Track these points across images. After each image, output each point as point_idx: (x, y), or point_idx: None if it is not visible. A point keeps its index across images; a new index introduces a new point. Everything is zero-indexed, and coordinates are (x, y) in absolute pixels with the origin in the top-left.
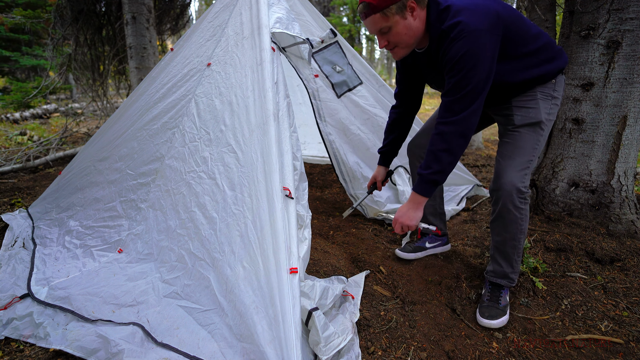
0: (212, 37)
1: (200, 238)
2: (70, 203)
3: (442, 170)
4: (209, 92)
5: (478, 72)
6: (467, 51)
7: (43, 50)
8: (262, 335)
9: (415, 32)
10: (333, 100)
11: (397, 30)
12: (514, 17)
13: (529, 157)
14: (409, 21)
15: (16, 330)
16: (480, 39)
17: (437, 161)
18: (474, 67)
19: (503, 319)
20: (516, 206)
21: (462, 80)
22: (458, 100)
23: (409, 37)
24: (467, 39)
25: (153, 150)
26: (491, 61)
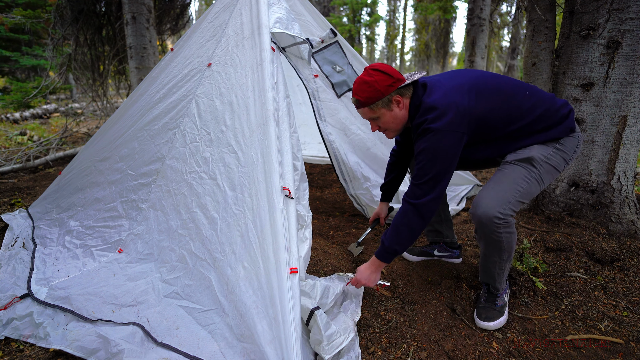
0: (212, 38)
1: (201, 238)
2: (70, 203)
3: (400, 243)
4: (210, 93)
5: (436, 166)
6: (426, 148)
7: (43, 50)
8: (262, 335)
9: (402, 119)
10: (333, 100)
11: (385, 120)
12: (499, 101)
13: (514, 187)
14: (394, 112)
15: (16, 330)
16: (440, 138)
17: (397, 235)
18: (433, 161)
19: (500, 320)
20: (492, 231)
21: (422, 170)
22: (419, 186)
23: (396, 124)
24: (428, 138)
25: (154, 150)
26: (451, 157)
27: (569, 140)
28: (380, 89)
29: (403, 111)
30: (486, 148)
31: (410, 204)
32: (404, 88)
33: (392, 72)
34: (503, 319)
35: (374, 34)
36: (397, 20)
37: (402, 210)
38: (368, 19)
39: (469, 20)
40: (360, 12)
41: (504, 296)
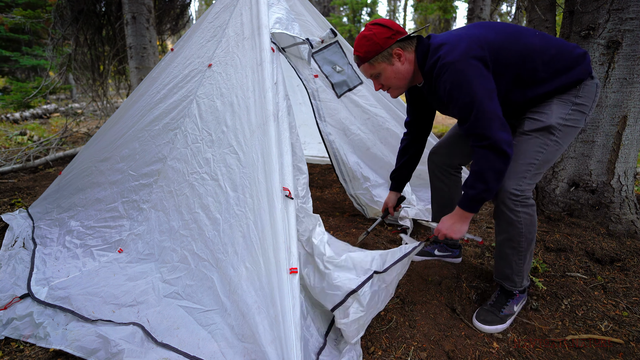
0: (212, 38)
1: (204, 239)
2: (71, 203)
3: (488, 189)
4: (210, 93)
5: (472, 95)
6: (452, 83)
7: (43, 50)
8: (263, 335)
9: (405, 74)
10: (333, 100)
11: (386, 75)
12: (509, 37)
13: (530, 161)
14: (396, 67)
15: (16, 330)
16: (459, 67)
17: (483, 181)
18: (466, 92)
19: (497, 327)
20: (510, 209)
21: (464, 109)
22: (472, 126)
23: (399, 80)
24: (447, 73)
25: (155, 151)
26: (480, 80)
27: (587, 90)
28: (378, 42)
29: (406, 65)
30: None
31: (481, 147)
32: (406, 41)
33: (391, 25)
34: (500, 327)
35: None
36: (397, 20)
37: (477, 155)
38: (368, 19)
39: (469, 20)
40: (360, 12)
41: (514, 305)
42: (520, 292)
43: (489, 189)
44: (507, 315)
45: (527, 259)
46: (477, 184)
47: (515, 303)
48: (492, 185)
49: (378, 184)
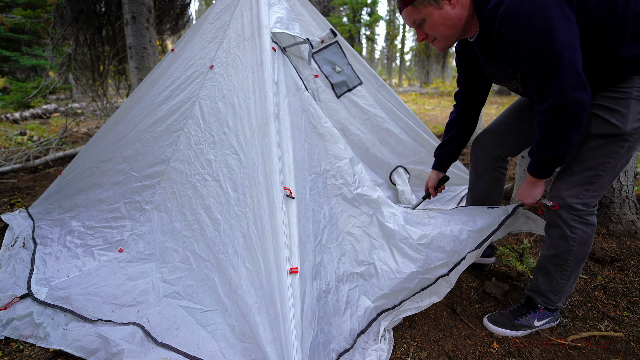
0: (214, 39)
1: (205, 239)
2: (73, 204)
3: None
4: (213, 95)
5: (550, 39)
6: (524, 25)
7: (43, 50)
8: (263, 335)
9: (455, 21)
10: (332, 101)
11: (433, 21)
12: None
13: (595, 172)
14: (445, 10)
15: (16, 331)
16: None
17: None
18: (542, 36)
19: (505, 331)
20: (566, 222)
21: (536, 56)
22: (542, 80)
23: (447, 28)
24: (518, 13)
25: (158, 152)
26: (563, 21)
27: None
28: None
29: (457, 10)
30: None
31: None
32: None
33: None
34: (509, 333)
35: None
36: (397, 20)
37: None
38: (368, 19)
39: None
40: (360, 12)
41: (535, 319)
42: (549, 309)
43: (560, 155)
44: (522, 326)
45: (571, 280)
46: (545, 151)
47: (537, 317)
48: (563, 148)
49: (377, 184)
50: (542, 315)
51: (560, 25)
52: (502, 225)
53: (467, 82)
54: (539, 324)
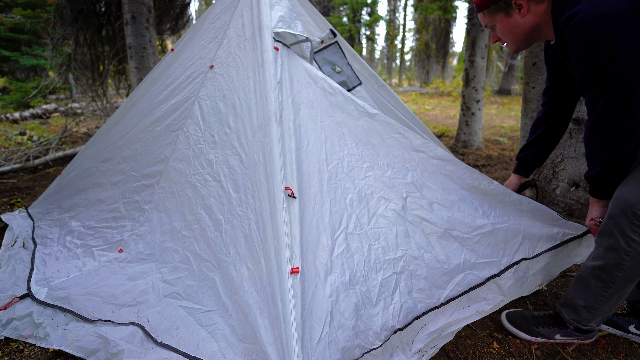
0: (214, 39)
1: (206, 240)
2: (72, 204)
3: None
4: (213, 95)
5: (607, 66)
6: (585, 46)
7: (43, 50)
8: (265, 335)
9: (524, 29)
10: None
11: (501, 27)
12: None
13: None
14: (514, 19)
15: (16, 331)
16: (603, 27)
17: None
18: (599, 61)
19: (518, 332)
20: (623, 232)
21: (590, 77)
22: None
23: (514, 35)
24: (584, 32)
25: (157, 152)
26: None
27: None
28: None
29: (528, 18)
30: None
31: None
32: None
33: None
34: (522, 335)
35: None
36: (397, 20)
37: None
38: (368, 19)
39: (469, 20)
40: (360, 11)
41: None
42: (578, 330)
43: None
44: (539, 334)
45: (613, 299)
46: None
47: (561, 333)
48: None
49: None
50: (567, 333)
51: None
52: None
53: (555, 78)
54: (561, 339)
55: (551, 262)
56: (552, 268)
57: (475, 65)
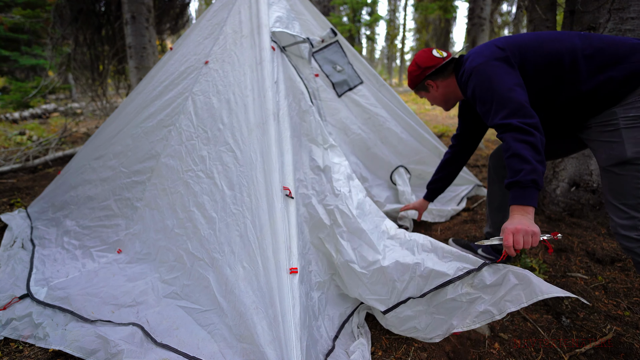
0: (210, 35)
1: (199, 238)
2: (63, 202)
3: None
4: (207, 90)
5: (492, 88)
6: (475, 83)
7: (42, 50)
8: (262, 335)
9: (441, 97)
10: (334, 100)
11: (428, 98)
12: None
13: (632, 201)
14: (432, 94)
15: (15, 331)
16: (482, 68)
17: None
18: (487, 87)
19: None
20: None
21: (485, 102)
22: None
23: (438, 102)
24: (472, 76)
25: (148, 147)
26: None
27: None
28: (412, 79)
29: (441, 90)
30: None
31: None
32: (437, 72)
33: (421, 61)
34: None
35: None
36: (398, 19)
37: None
38: (368, 19)
39: (470, 19)
40: (360, 11)
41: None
42: None
43: (535, 168)
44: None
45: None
46: (519, 167)
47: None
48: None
49: (376, 184)
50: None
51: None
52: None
53: (464, 126)
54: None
55: None
56: None
57: None
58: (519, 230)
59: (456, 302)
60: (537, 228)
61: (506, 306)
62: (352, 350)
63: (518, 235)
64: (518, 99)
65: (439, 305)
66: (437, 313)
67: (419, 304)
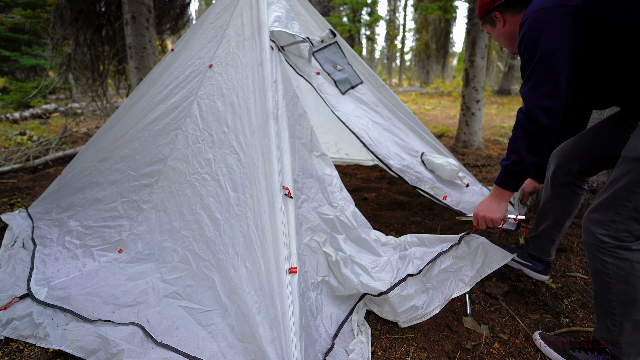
0: (213, 39)
1: (205, 239)
2: (70, 203)
3: (520, 160)
4: (211, 94)
5: (537, 48)
6: (524, 32)
7: (43, 50)
8: (263, 335)
9: (506, 36)
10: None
11: (493, 35)
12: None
13: (622, 202)
14: (497, 29)
15: (16, 331)
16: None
17: (514, 150)
18: (534, 45)
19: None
20: (594, 256)
21: (524, 65)
22: (525, 84)
23: (501, 41)
24: (525, 23)
25: (155, 151)
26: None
27: None
28: (480, 8)
29: (507, 27)
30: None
31: (520, 111)
32: (509, 4)
33: None
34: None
35: (374, 34)
36: (397, 20)
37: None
38: (368, 19)
39: (469, 20)
40: (360, 11)
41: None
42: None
43: (522, 160)
44: (575, 358)
45: (626, 328)
46: (510, 154)
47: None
48: (524, 155)
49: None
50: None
51: (548, 37)
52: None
53: None
54: None
55: None
56: None
57: (475, 65)
58: (481, 217)
59: (447, 272)
60: (499, 214)
61: (485, 270)
62: (351, 349)
63: (481, 219)
64: (554, 69)
65: (433, 279)
66: (432, 288)
67: (417, 283)
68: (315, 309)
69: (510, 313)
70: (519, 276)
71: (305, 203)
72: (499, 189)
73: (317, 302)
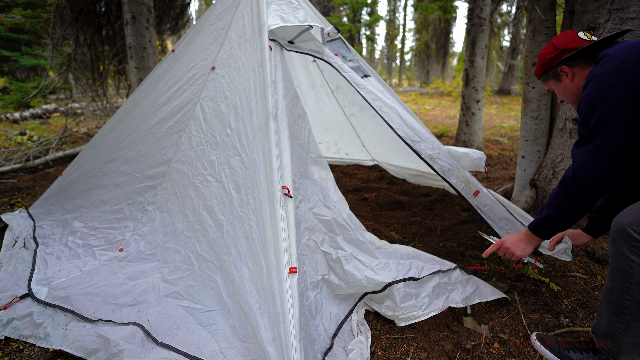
0: (215, 40)
1: (208, 240)
2: (75, 205)
3: (555, 215)
4: (215, 96)
5: (595, 112)
6: (585, 95)
7: (43, 50)
8: (264, 335)
9: (574, 90)
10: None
11: (556, 91)
12: None
13: None
14: (564, 84)
15: (16, 330)
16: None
17: (551, 205)
18: (591, 109)
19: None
20: (621, 252)
21: (581, 125)
22: (578, 144)
23: (567, 97)
24: (590, 85)
25: (160, 153)
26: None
27: None
28: (543, 64)
29: (576, 81)
30: None
31: (568, 170)
32: (577, 57)
33: (559, 42)
34: (548, 354)
35: (374, 34)
36: (397, 20)
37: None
38: (368, 19)
39: (469, 20)
40: (360, 11)
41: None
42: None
43: (556, 217)
44: (570, 358)
45: (633, 329)
46: (548, 208)
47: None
48: (561, 212)
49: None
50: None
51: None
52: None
53: None
54: None
55: None
56: None
57: (475, 65)
58: (505, 247)
59: (441, 288)
60: (521, 252)
61: (474, 299)
62: (351, 349)
63: (503, 248)
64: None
65: (431, 290)
66: (431, 296)
67: (417, 286)
68: (315, 309)
69: (510, 313)
70: (519, 276)
71: (302, 203)
72: (530, 232)
73: (317, 302)
